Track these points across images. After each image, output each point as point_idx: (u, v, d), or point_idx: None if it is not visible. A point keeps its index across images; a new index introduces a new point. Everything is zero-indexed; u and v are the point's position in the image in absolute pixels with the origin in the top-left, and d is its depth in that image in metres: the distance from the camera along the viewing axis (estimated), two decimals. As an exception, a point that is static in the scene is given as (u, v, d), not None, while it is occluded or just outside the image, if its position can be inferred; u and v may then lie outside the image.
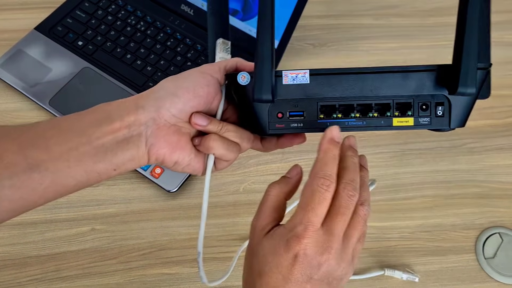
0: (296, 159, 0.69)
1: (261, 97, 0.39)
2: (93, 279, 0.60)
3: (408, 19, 0.84)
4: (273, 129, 0.42)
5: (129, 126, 0.39)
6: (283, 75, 0.40)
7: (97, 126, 0.39)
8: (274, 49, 0.39)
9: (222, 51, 0.46)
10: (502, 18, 0.84)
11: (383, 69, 0.40)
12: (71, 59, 0.73)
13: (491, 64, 0.41)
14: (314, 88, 0.40)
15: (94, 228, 0.63)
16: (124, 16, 0.77)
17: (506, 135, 0.73)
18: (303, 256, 0.35)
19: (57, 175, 0.38)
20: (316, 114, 0.41)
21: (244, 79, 0.40)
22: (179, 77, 0.42)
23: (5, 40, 0.75)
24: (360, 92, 0.40)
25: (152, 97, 0.40)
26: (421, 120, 0.41)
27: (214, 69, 0.42)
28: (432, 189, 0.68)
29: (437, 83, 0.40)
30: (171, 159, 0.41)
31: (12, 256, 0.60)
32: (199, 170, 0.44)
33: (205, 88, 0.41)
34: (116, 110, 0.40)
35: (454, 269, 0.63)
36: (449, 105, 0.40)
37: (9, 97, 0.71)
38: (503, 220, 0.66)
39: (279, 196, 0.41)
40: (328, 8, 0.84)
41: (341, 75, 0.40)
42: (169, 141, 0.41)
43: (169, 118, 0.40)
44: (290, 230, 0.36)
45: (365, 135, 0.71)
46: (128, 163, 0.40)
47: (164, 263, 0.61)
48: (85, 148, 0.38)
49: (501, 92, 0.77)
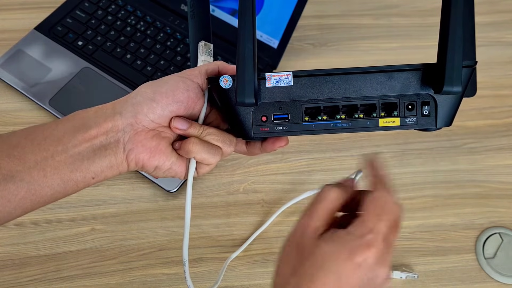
0: (296, 159, 0.69)
1: (244, 100, 0.39)
2: (93, 279, 0.60)
3: (408, 19, 0.84)
4: (257, 133, 0.41)
5: (107, 133, 0.39)
6: (266, 77, 0.40)
7: (73, 133, 0.38)
8: (256, 52, 0.39)
9: (205, 54, 0.46)
10: (502, 18, 0.84)
11: (367, 69, 0.39)
12: (71, 59, 0.73)
13: (476, 61, 0.40)
14: (298, 90, 0.40)
15: (94, 228, 0.63)
16: (124, 16, 0.77)
17: (506, 135, 0.73)
18: (366, 265, 0.34)
19: (33, 185, 0.37)
20: (301, 117, 0.40)
21: (226, 83, 0.40)
22: (158, 82, 0.41)
23: (5, 40, 0.75)
24: (345, 93, 0.40)
25: (129, 103, 0.40)
26: (407, 120, 0.40)
27: (194, 74, 0.42)
28: (432, 189, 0.68)
29: (422, 82, 0.39)
30: (150, 164, 0.41)
31: (12, 256, 0.60)
32: (180, 174, 0.43)
33: (185, 93, 0.40)
34: (93, 117, 0.39)
35: (454, 269, 0.63)
36: (435, 105, 0.40)
37: (9, 97, 0.71)
38: (503, 220, 0.66)
39: (338, 201, 0.38)
40: (328, 8, 0.84)
41: (325, 76, 0.39)
42: (147, 146, 0.40)
43: (147, 124, 0.40)
44: (359, 237, 0.35)
45: (365, 135, 0.71)
46: (106, 170, 0.39)
47: (164, 263, 0.61)
48: (61, 156, 0.38)
49: (501, 92, 0.77)
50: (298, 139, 0.71)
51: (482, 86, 0.77)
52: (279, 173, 0.68)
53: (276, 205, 0.65)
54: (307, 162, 0.69)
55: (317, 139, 0.71)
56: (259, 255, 0.62)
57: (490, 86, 0.77)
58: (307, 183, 0.67)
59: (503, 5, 0.86)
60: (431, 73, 0.39)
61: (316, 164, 0.69)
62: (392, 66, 0.39)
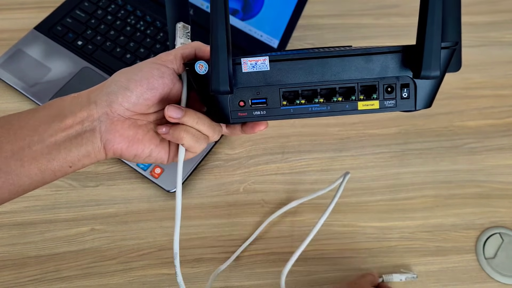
0: (296, 159, 0.69)
1: (218, 89, 0.38)
2: (93, 279, 0.59)
3: (408, 18, 0.84)
4: (235, 118, 0.40)
5: (82, 122, 0.39)
6: (242, 62, 0.39)
7: (49, 123, 0.38)
8: (230, 36, 0.38)
9: (183, 36, 0.45)
10: (502, 18, 0.84)
11: (346, 52, 0.39)
12: (71, 58, 0.73)
13: (458, 42, 0.39)
14: (275, 75, 0.39)
15: (93, 228, 0.63)
16: (123, 16, 0.77)
17: (506, 135, 0.73)
18: None
19: (11, 175, 0.37)
20: (279, 101, 0.40)
21: (202, 68, 0.39)
22: (132, 69, 0.40)
23: (5, 40, 0.75)
24: (323, 76, 0.39)
25: (104, 92, 0.39)
26: (387, 102, 0.40)
27: (169, 59, 0.41)
28: (433, 189, 0.68)
29: (402, 64, 0.39)
30: (129, 153, 0.41)
31: (12, 256, 0.60)
32: (161, 160, 0.43)
33: (159, 80, 0.40)
34: (69, 105, 0.39)
35: (454, 269, 0.62)
36: (415, 87, 0.39)
37: (8, 97, 0.71)
38: (503, 220, 0.66)
39: None
40: (328, 8, 0.84)
41: (302, 60, 0.39)
42: (125, 135, 0.40)
43: (122, 113, 0.40)
44: None
45: (365, 135, 0.71)
46: (84, 159, 0.39)
47: (164, 263, 0.61)
48: (38, 146, 0.38)
49: (501, 92, 0.77)
50: (298, 139, 0.71)
51: (482, 86, 0.77)
52: (279, 173, 0.68)
53: (276, 205, 0.65)
54: (307, 162, 0.69)
55: (317, 139, 0.71)
56: (259, 255, 0.62)
57: (490, 86, 0.77)
58: (307, 183, 0.67)
59: (503, 5, 0.86)
60: (410, 55, 0.38)
61: (316, 164, 0.69)
62: (371, 49, 0.39)
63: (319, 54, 0.39)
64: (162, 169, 0.65)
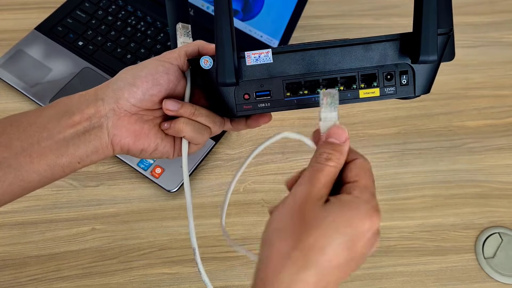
0: (296, 159, 0.69)
1: (225, 81, 0.39)
2: (93, 279, 0.60)
3: (408, 19, 0.83)
4: (241, 111, 0.42)
5: (90, 119, 0.40)
6: (246, 56, 0.40)
7: (57, 120, 0.39)
8: (234, 31, 0.39)
9: (183, 36, 0.46)
10: (502, 18, 0.84)
11: (345, 42, 0.40)
12: (71, 59, 0.73)
13: (452, 28, 0.40)
14: (278, 67, 0.40)
15: (94, 228, 0.63)
16: (124, 16, 0.77)
17: (506, 135, 0.73)
18: (375, 229, 0.33)
19: (20, 171, 0.38)
20: (283, 92, 0.41)
21: (207, 63, 0.40)
22: (138, 67, 0.41)
23: (6, 40, 0.75)
24: (324, 67, 0.40)
25: (111, 89, 0.40)
26: (387, 90, 0.41)
27: (173, 56, 0.42)
28: (432, 189, 0.68)
29: (400, 52, 0.40)
30: (136, 148, 0.42)
31: (12, 256, 0.61)
32: (168, 153, 0.44)
33: (164, 76, 0.41)
34: (76, 103, 0.40)
35: (454, 269, 0.63)
36: (413, 73, 0.41)
37: (9, 97, 0.71)
38: (503, 220, 0.66)
39: (337, 168, 0.36)
40: (328, 8, 0.84)
41: (304, 51, 0.40)
42: (131, 130, 0.41)
43: (129, 108, 0.40)
44: (366, 202, 0.33)
45: (365, 135, 0.72)
46: (92, 155, 0.40)
47: (165, 263, 0.61)
48: (46, 142, 0.38)
49: (501, 92, 0.77)
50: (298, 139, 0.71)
51: (482, 86, 0.77)
52: (279, 173, 0.68)
53: (276, 205, 0.65)
54: (307, 162, 0.69)
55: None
56: (259, 255, 0.62)
57: (490, 86, 0.77)
58: (307, 183, 0.67)
59: (503, 5, 0.86)
60: (407, 42, 0.40)
61: (316, 164, 0.69)
62: (369, 38, 0.40)
63: (320, 45, 0.40)
64: (163, 169, 0.65)
